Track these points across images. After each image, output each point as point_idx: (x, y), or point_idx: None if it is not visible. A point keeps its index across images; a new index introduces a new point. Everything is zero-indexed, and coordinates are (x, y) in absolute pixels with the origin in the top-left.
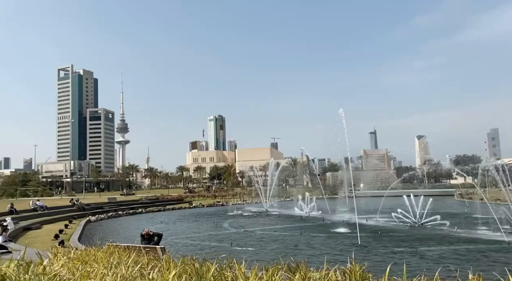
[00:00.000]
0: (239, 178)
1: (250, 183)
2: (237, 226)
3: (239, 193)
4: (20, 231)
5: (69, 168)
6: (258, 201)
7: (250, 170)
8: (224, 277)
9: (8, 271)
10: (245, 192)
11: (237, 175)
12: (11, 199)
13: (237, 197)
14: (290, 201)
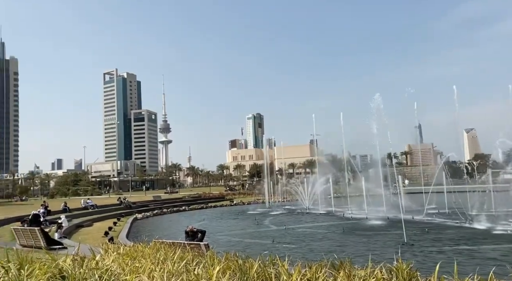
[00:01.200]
0: (278, 176)
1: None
2: (278, 223)
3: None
4: (74, 228)
5: (116, 168)
6: (298, 199)
7: (289, 167)
8: (268, 273)
9: (65, 265)
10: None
11: (277, 173)
12: (64, 198)
13: (277, 195)
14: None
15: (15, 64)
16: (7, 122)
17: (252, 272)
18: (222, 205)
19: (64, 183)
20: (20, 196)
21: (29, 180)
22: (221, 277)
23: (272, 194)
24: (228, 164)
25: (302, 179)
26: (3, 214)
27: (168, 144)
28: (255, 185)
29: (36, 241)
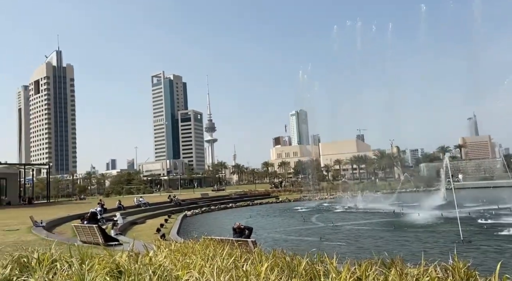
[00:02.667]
0: (324, 172)
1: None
2: (325, 220)
3: (325, 187)
4: (128, 225)
5: (165, 167)
6: (346, 195)
7: (335, 163)
8: (316, 271)
9: (121, 261)
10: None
11: (322, 169)
12: (119, 197)
13: (323, 192)
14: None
15: (71, 70)
16: (66, 126)
17: (300, 269)
18: (268, 202)
19: (118, 182)
20: (79, 195)
21: (86, 180)
22: (270, 274)
23: (318, 190)
24: (272, 162)
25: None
26: (65, 212)
27: (214, 143)
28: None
29: (94, 238)
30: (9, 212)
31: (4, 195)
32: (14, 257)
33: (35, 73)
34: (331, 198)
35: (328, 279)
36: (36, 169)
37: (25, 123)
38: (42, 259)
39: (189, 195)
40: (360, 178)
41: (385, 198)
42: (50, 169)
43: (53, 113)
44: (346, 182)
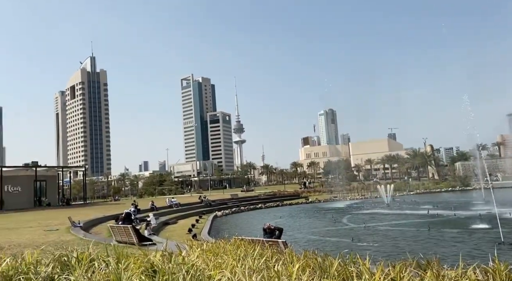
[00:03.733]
0: (355, 172)
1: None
2: (357, 221)
3: (356, 187)
4: (161, 225)
5: (195, 168)
6: (377, 195)
7: (366, 163)
8: (348, 272)
9: (155, 260)
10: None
11: (353, 169)
12: (151, 197)
13: (354, 192)
14: (414, 195)
15: (104, 76)
16: (100, 130)
17: (332, 270)
18: (297, 203)
19: (151, 184)
20: (113, 196)
21: (120, 181)
22: (301, 274)
23: (349, 191)
24: (301, 162)
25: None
26: (101, 213)
27: (242, 144)
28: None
29: (129, 238)
30: (49, 213)
31: (45, 196)
32: (55, 256)
33: (71, 79)
34: (362, 198)
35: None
36: (73, 172)
37: (62, 127)
38: (81, 258)
39: (219, 196)
40: (392, 178)
41: (419, 198)
42: (86, 171)
43: (88, 117)
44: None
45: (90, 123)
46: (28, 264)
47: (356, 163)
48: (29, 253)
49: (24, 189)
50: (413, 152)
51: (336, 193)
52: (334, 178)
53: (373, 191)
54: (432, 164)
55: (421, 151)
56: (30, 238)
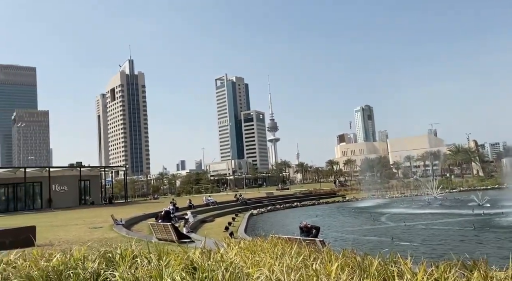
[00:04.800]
0: (393, 170)
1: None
2: (397, 220)
3: (395, 185)
4: (198, 223)
5: (231, 167)
6: (418, 193)
7: (406, 160)
8: (389, 272)
9: (194, 257)
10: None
11: (391, 167)
12: (189, 196)
13: (393, 190)
14: (457, 192)
15: (142, 78)
16: (139, 130)
17: (372, 270)
18: (334, 201)
19: (188, 182)
20: (153, 194)
21: (159, 180)
22: (340, 273)
23: (387, 189)
24: (337, 160)
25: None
26: (141, 211)
27: (276, 142)
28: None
29: (169, 235)
30: (93, 211)
31: (89, 195)
32: (101, 253)
33: (111, 81)
34: (402, 196)
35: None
36: (115, 171)
37: (103, 128)
38: (125, 254)
39: (254, 194)
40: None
41: (463, 196)
42: (127, 171)
43: (127, 118)
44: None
45: (129, 124)
46: (76, 260)
47: (394, 160)
48: (77, 250)
49: (70, 188)
50: (456, 148)
51: (374, 191)
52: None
53: (413, 189)
54: (476, 160)
55: (464, 147)
56: (76, 235)
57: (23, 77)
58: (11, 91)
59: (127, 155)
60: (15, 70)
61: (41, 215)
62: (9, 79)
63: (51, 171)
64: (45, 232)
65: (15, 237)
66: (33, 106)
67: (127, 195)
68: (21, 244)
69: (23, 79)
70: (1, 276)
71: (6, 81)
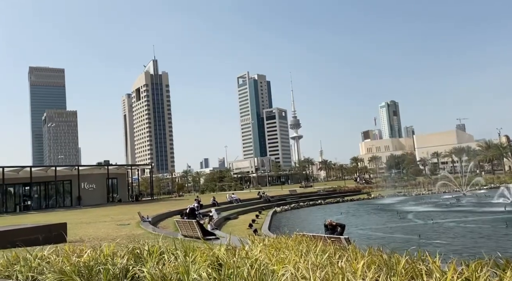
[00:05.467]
0: (420, 166)
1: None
2: (424, 217)
3: (422, 182)
4: (222, 220)
5: (253, 165)
6: (446, 190)
7: (433, 157)
8: (417, 270)
9: (220, 254)
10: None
11: (418, 163)
12: (213, 193)
13: (420, 187)
14: (487, 189)
15: (166, 77)
16: (164, 129)
17: (399, 268)
18: (358, 199)
19: (211, 180)
20: (178, 192)
21: (183, 178)
22: (366, 271)
23: (414, 186)
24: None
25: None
26: (167, 208)
27: (299, 139)
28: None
29: (194, 232)
30: (121, 208)
31: (116, 193)
32: (129, 249)
33: (136, 81)
34: (429, 193)
35: (431, 279)
36: (141, 169)
37: (129, 127)
38: (152, 251)
39: (277, 192)
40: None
41: (494, 192)
42: (152, 169)
43: (152, 117)
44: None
45: (154, 123)
46: (106, 256)
47: (421, 157)
48: (106, 246)
49: (98, 186)
50: (486, 143)
51: (400, 189)
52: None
53: (441, 186)
54: (508, 156)
55: (495, 142)
56: (105, 232)
57: (52, 78)
58: (42, 92)
59: (152, 153)
60: (45, 72)
61: (71, 212)
62: (40, 81)
63: (80, 169)
64: (75, 229)
65: (48, 233)
66: (62, 107)
67: (153, 192)
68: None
69: (52, 81)
70: (36, 270)
71: (37, 82)
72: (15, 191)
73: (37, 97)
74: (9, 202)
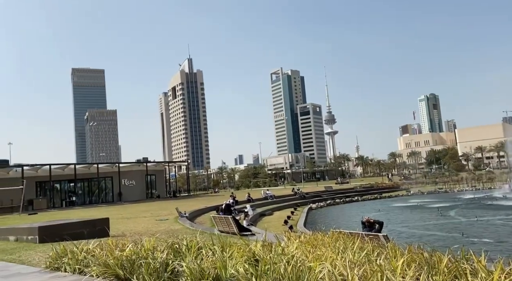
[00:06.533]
0: (463, 162)
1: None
2: (467, 214)
3: (465, 178)
4: (257, 216)
5: (288, 161)
6: (491, 186)
7: (477, 151)
8: (461, 269)
9: (256, 249)
10: (473, 177)
11: (460, 158)
12: (247, 189)
13: (462, 183)
14: None
15: (200, 75)
16: (199, 126)
17: (441, 267)
18: (397, 196)
19: (246, 176)
20: (213, 188)
21: (218, 174)
22: (406, 269)
23: (456, 182)
24: (400, 152)
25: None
26: (203, 204)
27: (334, 135)
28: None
29: (230, 228)
30: (159, 204)
31: (154, 189)
32: (168, 244)
33: (172, 80)
34: (473, 189)
35: (476, 279)
36: (177, 166)
37: (166, 125)
38: (190, 246)
39: (313, 188)
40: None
41: None
42: (189, 166)
43: (188, 115)
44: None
45: (190, 120)
46: (146, 250)
47: (464, 152)
48: (147, 240)
49: (137, 183)
50: None
51: (442, 184)
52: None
53: (485, 181)
54: None
55: None
56: (145, 227)
57: (93, 79)
58: (84, 93)
59: (188, 150)
60: (86, 73)
61: (113, 207)
62: (82, 82)
63: (120, 166)
64: (117, 224)
65: (92, 227)
66: (103, 106)
67: (189, 188)
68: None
69: (93, 81)
70: (83, 263)
71: (79, 83)
72: (61, 187)
73: (80, 97)
74: (56, 198)
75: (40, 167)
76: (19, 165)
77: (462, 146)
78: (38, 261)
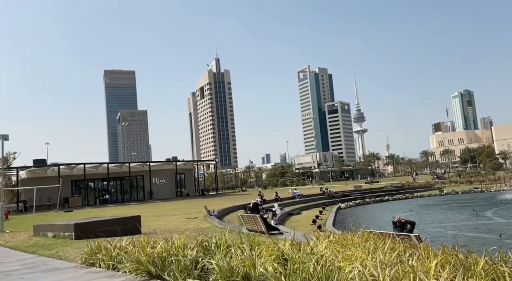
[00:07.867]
0: (500, 160)
1: None
2: (506, 215)
3: (503, 177)
4: (285, 216)
5: (315, 160)
6: None
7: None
8: (499, 272)
9: (285, 248)
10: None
11: (497, 157)
12: (275, 188)
13: (500, 182)
14: None
15: (228, 75)
16: (226, 126)
17: (478, 269)
18: (429, 195)
19: (273, 175)
20: (241, 187)
21: (246, 173)
22: (440, 271)
23: (493, 181)
24: (432, 150)
25: None
26: (231, 203)
27: (364, 133)
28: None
29: (258, 227)
30: (188, 203)
31: (184, 187)
32: (198, 241)
33: (200, 80)
34: (511, 189)
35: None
36: (206, 165)
37: (194, 125)
38: (219, 244)
39: (341, 188)
40: None
41: None
42: (217, 165)
43: (216, 115)
44: None
45: (217, 120)
46: (177, 248)
47: (501, 150)
48: (177, 238)
49: (167, 181)
50: None
51: (477, 184)
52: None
53: None
54: None
55: None
56: (175, 225)
57: (124, 80)
58: (116, 94)
59: (216, 149)
60: (118, 75)
61: (144, 205)
62: (114, 83)
63: (151, 165)
64: (148, 222)
65: (124, 225)
66: (134, 106)
67: (217, 187)
68: (129, 231)
69: (124, 82)
70: (116, 259)
71: (111, 84)
72: (94, 185)
73: (112, 98)
74: (90, 196)
75: (75, 166)
76: (55, 164)
77: (499, 144)
78: (74, 257)
